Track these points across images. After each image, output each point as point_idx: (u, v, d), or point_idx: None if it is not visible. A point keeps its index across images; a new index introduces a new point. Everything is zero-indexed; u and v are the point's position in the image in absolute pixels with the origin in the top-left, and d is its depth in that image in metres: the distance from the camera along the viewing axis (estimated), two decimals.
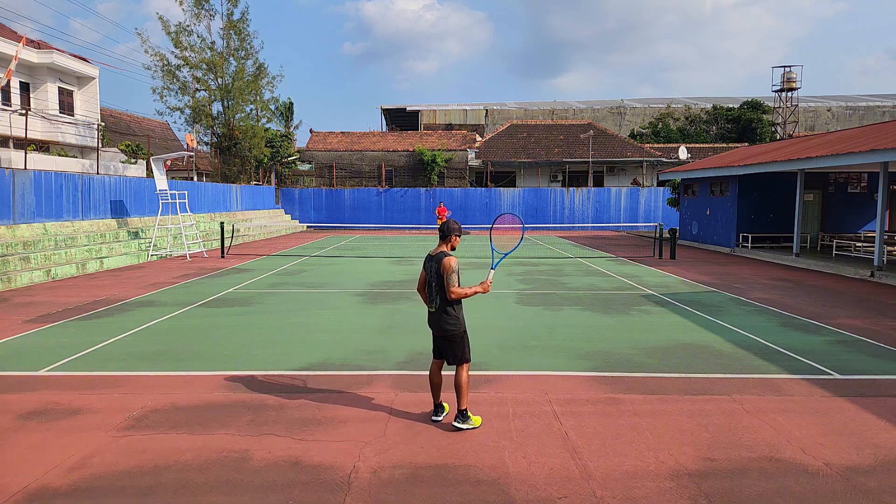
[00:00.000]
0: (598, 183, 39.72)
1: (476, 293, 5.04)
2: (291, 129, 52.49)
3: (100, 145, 26.79)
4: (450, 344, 5.04)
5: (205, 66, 31.32)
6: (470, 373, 6.65)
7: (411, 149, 38.74)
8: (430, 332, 5.19)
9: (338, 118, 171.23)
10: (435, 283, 4.97)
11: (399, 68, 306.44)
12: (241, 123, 33.79)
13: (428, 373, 5.50)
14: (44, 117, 27.38)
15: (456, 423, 4.99)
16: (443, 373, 5.36)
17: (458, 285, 4.95)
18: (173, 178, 30.66)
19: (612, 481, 4.14)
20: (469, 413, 5.07)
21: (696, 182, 25.49)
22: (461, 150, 39.09)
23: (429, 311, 5.10)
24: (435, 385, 5.23)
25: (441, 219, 30.54)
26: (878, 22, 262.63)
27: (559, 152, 39.42)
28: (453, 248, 5.12)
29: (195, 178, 35.56)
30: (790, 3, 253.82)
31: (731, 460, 4.48)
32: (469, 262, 17.64)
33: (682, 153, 38.49)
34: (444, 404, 5.32)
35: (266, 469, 4.32)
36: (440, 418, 5.21)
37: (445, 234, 5.12)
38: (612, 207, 36.54)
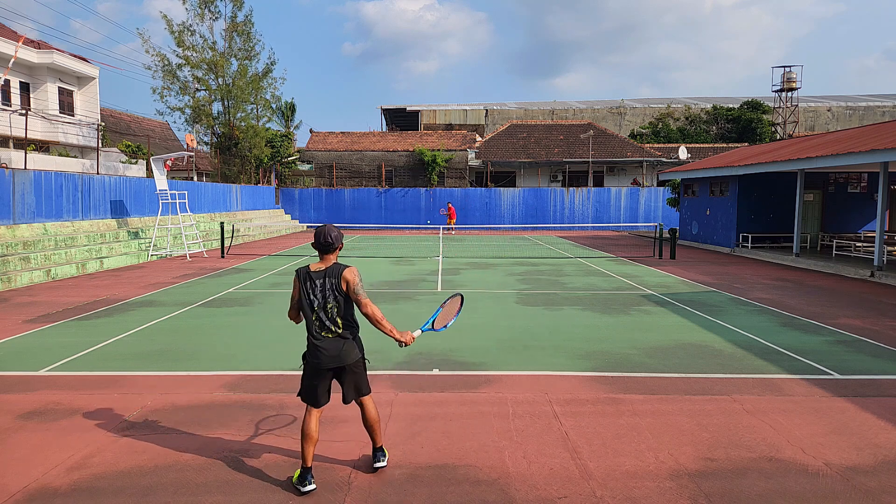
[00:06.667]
0: (598, 183, 39.71)
1: (391, 332, 4.09)
2: (292, 129, 52.51)
3: (100, 145, 26.78)
4: (356, 373, 4.12)
5: (205, 66, 31.34)
6: (470, 373, 6.67)
7: (411, 149, 38.73)
8: (324, 367, 4.04)
9: (338, 118, 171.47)
10: (335, 303, 4.01)
11: (399, 68, 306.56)
12: (242, 123, 33.81)
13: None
14: (44, 117, 27.37)
15: (380, 464, 4.26)
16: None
17: None
18: (173, 178, 30.65)
19: (612, 481, 4.14)
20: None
21: (696, 182, 25.48)
22: (461, 150, 39.09)
23: (317, 342, 4.01)
24: (314, 441, 4.05)
25: (452, 219, 31.75)
26: (876, 23, 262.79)
27: (559, 152, 39.41)
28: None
29: (195, 178, 35.56)
30: (789, 3, 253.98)
31: (731, 460, 4.48)
32: (469, 263, 17.64)
33: (682, 153, 38.48)
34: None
35: (266, 469, 4.32)
36: (314, 487, 4.02)
37: (332, 246, 4.09)
38: (612, 207, 36.53)
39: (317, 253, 4.14)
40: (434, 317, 4.44)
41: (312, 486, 4.01)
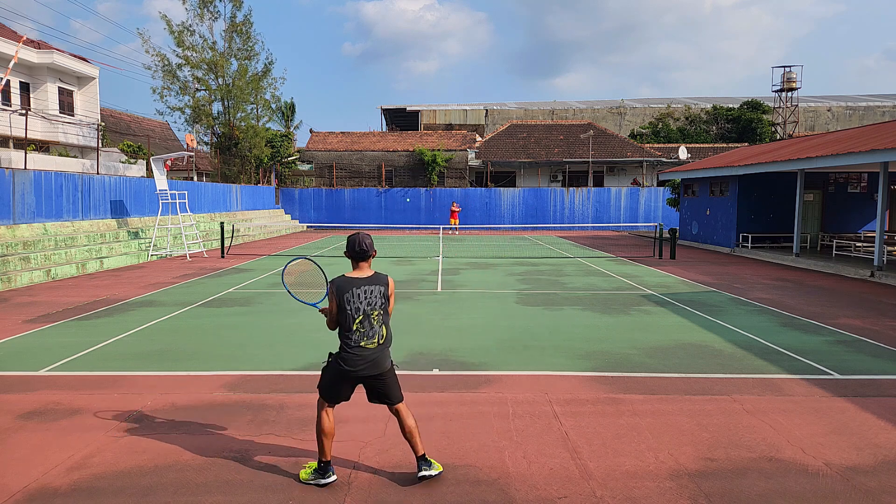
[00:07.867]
0: (598, 183, 39.70)
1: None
2: (292, 129, 52.51)
3: (100, 145, 26.79)
4: (387, 381, 4.07)
5: (205, 66, 31.36)
6: (470, 373, 6.67)
7: (411, 149, 38.73)
8: (359, 375, 4.02)
9: (338, 118, 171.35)
10: (381, 310, 4.02)
11: (399, 68, 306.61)
12: (242, 123, 33.82)
13: (317, 418, 4.15)
14: (44, 117, 27.37)
15: (427, 472, 4.07)
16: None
17: None
18: (173, 178, 30.65)
19: (612, 481, 4.14)
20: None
21: (696, 182, 25.48)
22: (461, 150, 39.08)
23: (355, 351, 3.98)
24: (332, 435, 4.09)
25: (454, 218, 32.05)
26: (876, 23, 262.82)
27: (559, 152, 39.40)
28: None
29: (195, 178, 35.55)
30: (789, 3, 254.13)
31: (731, 460, 4.48)
32: (469, 263, 17.64)
33: (682, 153, 38.48)
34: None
35: (266, 469, 4.32)
36: (335, 478, 4.10)
37: (367, 253, 4.07)
38: (612, 207, 36.53)
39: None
40: (314, 302, 4.66)
41: (334, 478, 4.07)
